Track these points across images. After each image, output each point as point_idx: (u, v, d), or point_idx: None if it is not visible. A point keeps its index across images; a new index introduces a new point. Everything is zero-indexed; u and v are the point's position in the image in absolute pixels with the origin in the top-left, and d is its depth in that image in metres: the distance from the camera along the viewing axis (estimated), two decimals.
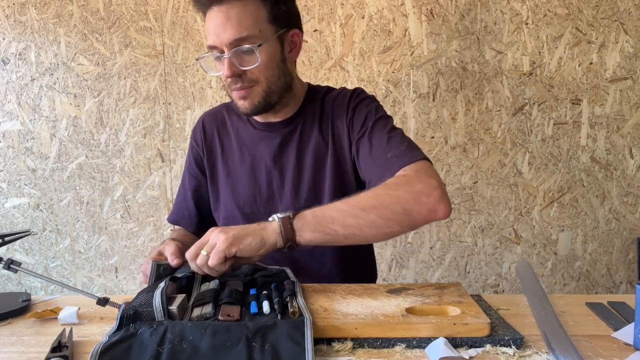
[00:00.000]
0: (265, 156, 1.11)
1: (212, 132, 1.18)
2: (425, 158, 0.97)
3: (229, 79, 1.00)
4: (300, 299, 0.80)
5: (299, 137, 1.10)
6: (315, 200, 1.08)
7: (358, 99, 1.09)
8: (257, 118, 1.12)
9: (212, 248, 0.86)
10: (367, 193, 0.92)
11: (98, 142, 1.79)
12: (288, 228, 0.87)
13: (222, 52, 0.98)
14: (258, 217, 1.08)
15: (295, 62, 1.10)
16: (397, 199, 0.89)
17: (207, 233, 0.89)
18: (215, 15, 0.97)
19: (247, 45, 0.97)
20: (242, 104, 1.03)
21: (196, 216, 1.21)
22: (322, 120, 1.11)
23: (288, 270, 0.99)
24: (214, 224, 1.19)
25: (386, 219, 0.88)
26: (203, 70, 1.12)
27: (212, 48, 1.00)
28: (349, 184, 1.09)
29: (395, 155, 0.98)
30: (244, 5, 0.97)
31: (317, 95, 1.13)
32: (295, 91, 1.09)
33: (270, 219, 0.90)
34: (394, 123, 1.07)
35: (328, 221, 0.88)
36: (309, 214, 0.89)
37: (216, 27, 0.97)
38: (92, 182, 1.81)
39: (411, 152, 0.98)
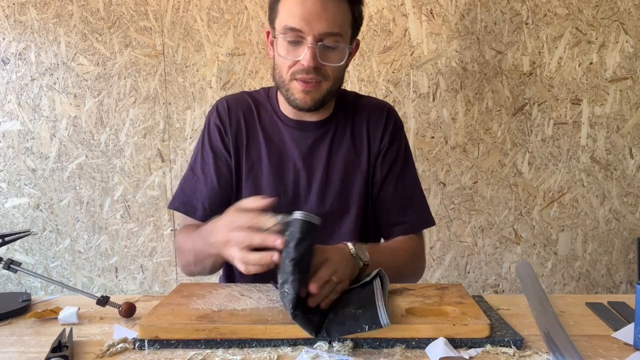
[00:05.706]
0: (294, 155, 1.10)
1: (238, 117, 1.11)
2: (432, 221, 1.15)
3: (298, 68, 0.98)
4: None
5: (331, 141, 1.11)
6: (342, 207, 1.09)
7: (397, 126, 1.16)
8: (290, 115, 1.11)
9: (342, 277, 0.81)
10: (402, 255, 1.07)
11: (98, 142, 1.79)
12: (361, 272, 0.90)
13: (303, 37, 0.96)
14: None
15: None
16: (413, 270, 1.12)
17: (331, 253, 0.81)
18: (310, 0, 0.95)
19: (339, 44, 0.98)
20: (303, 97, 1.01)
21: (218, 203, 1.07)
22: (354, 128, 1.13)
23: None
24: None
25: (400, 278, 1.03)
26: (277, 51, 1.01)
27: (292, 30, 0.96)
28: (371, 196, 1.13)
29: (414, 214, 1.13)
30: (340, 1, 0.98)
31: (348, 99, 1.16)
32: None
33: (350, 248, 0.88)
34: None
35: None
36: (375, 263, 0.91)
37: (309, 13, 0.95)
38: (92, 182, 1.81)
39: (426, 215, 1.14)
